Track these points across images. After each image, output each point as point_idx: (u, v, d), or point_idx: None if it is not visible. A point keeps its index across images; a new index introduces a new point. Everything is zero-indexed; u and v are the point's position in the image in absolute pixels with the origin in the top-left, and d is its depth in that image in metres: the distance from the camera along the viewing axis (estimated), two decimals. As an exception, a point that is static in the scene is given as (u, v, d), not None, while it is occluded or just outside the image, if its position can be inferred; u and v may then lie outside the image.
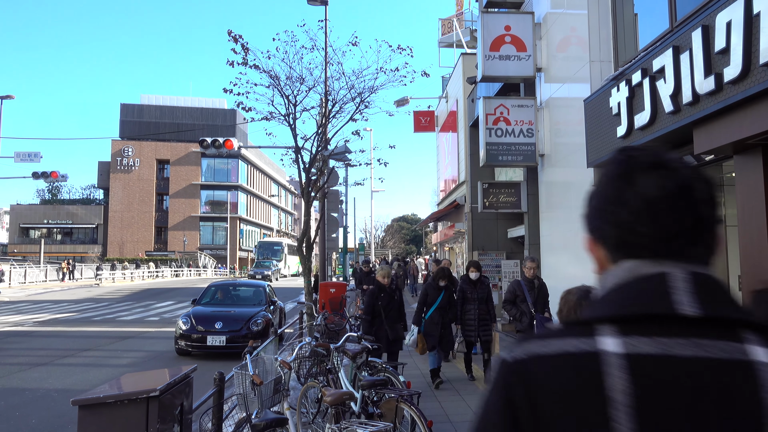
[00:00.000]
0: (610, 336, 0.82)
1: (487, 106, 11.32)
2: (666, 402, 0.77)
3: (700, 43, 5.78)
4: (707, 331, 0.81)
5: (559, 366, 0.82)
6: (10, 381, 8.77)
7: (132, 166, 62.54)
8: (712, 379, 0.78)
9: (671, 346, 0.80)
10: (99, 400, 2.57)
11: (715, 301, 0.82)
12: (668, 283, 0.83)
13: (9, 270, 34.37)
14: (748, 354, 0.79)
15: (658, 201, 0.85)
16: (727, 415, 0.76)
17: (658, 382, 0.78)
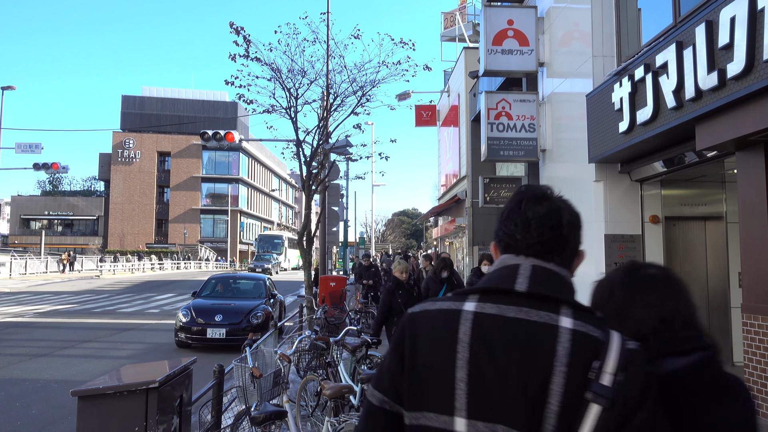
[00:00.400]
0: (472, 301, 1.22)
1: (489, 100, 11.28)
2: (489, 342, 1.15)
3: (704, 38, 5.75)
4: (533, 303, 1.18)
5: (436, 317, 1.23)
6: (10, 371, 8.80)
7: (133, 158, 62.51)
8: (525, 332, 1.15)
9: (505, 309, 1.18)
10: (98, 391, 2.57)
11: (543, 285, 1.20)
12: (517, 271, 1.23)
13: (10, 261, 34.41)
14: (557, 321, 1.15)
15: (531, 220, 1.25)
16: (529, 354, 1.13)
17: (488, 330, 1.17)
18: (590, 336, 1.13)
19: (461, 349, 1.16)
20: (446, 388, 1.16)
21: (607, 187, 8.66)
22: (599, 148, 8.32)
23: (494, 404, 1.12)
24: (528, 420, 1.10)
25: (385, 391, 1.24)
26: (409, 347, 1.22)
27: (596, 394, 1.08)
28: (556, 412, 1.09)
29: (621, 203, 8.65)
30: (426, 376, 1.18)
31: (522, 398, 1.11)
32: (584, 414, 1.08)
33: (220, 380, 4.47)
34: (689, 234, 9.10)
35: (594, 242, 8.75)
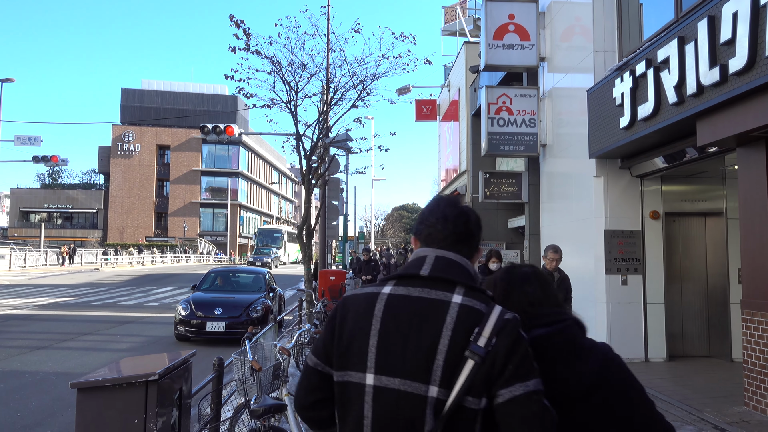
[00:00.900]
0: (390, 285, 1.54)
1: (489, 95, 11.26)
2: (396, 315, 1.48)
3: (706, 33, 5.74)
4: (434, 285, 1.50)
5: (361, 299, 1.56)
6: (9, 364, 8.80)
7: (132, 151, 62.39)
8: (423, 306, 1.47)
9: (411, 290, 1.51)
10: (98, 383, 2.57)
11: (442, 270, 1.52)
12: (424, 260, 1.55)
13: (9, 253, 34.41)
14: (450, 297, 1.47)
15: (448, 216, 1.60)
16: (424, 323, 1.45)
17: (396, 306, 1.49)
18: (474, 308, 1.45)
19: (375, 322, 1.49)
20: (363, 351, 1.48)
21: (608, 182, 8.65)
22: (600, 143, 8.30)
23: (395, 362, 1.44)
24: (419, 373, 1.42)
25: (319, 356, 1.59)
26: (339, 322, 1.56)
27: (472, 352, 1.39)
28: (441, 366, 1.40)
29: (621, 199, 8.64)
30: (350, 344, 1.51)
31: (416, 356, 1.43)
32: (462, 368, 1.39)
33: (220, 373, 4.47)
34: (689, 230, 9.09)
35: (594, 237, 8.74)
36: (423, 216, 1.66)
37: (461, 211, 1.62)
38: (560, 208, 10.53)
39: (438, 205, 1.65)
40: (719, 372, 7.82)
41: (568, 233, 9.92)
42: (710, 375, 7.62)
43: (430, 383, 1.41)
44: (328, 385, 1.57)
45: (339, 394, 1.53)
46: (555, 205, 10.83)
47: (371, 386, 1.46)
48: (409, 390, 1.42)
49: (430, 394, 1.41)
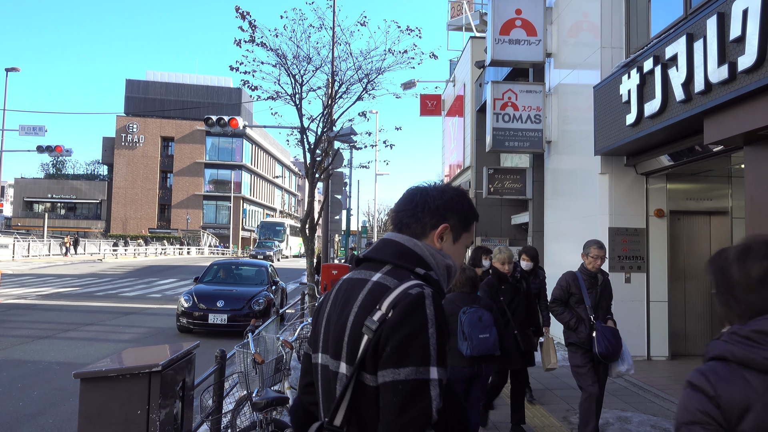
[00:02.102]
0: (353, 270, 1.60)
1: (495, 90, 11.22)
2: (335, 297, 1.54)
3: (715, 31, 5.69)
4: (369, 266, 1.54)
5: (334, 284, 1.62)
6: (12, 353, 8.83)
7: (136, 142, 62.43)
8: (351, 286, 1.51)
9: (354, 273, 1.56)
10: (101, 373, 2.56)
11: (374, 251, 1.56)
12: (372, 244, 1.62)
13: (13, 243, 34.50)
14: (371, 276, 1.49)
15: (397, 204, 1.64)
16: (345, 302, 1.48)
17: (338, 289, 1.56)
18: (383, 284, 1.44)
19: (326, 306, 1.57)
20: (319, 333, 1.56)
21: (613, 179, 8.62)
22: (605, 140, 8.26)
23: (326, 340, 1.50)
24: (335, 349, 1.45)
25: (309, 342, 1.64)
26: (317, 309, 1.63)
27: (366, 326, 1.38)
28: (347, 341, 1.42)
29: (626, 196, 8.61)
30: (316, 327, 1.59)
31: (335, 334, 1.46)
32: (361, 342, 1.38)
33: (222, 365, 4.47)
34: (694, 228, 9.06)
35: (598, 235, 8.71)
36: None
37: (408, 193, 1.62)
38: (564, 205, 10.50)
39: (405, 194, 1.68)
40: (722, 371, 7.79)
41: (571, 230, 9.90)
42: (713, 374, 7.59)
43: (340, 359, 1.43)
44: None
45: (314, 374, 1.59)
46: (559, 201, 10.79)
47: (318, 365, 1.53)
48: (330, 367, 1.46)
49: (340, 371, 1.42)
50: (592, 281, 5.12)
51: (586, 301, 5.05)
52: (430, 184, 1.65)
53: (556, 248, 10.79)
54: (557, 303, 5.19)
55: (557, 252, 10.64)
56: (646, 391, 6.74)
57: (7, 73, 26.60)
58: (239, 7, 11.30)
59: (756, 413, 1.25)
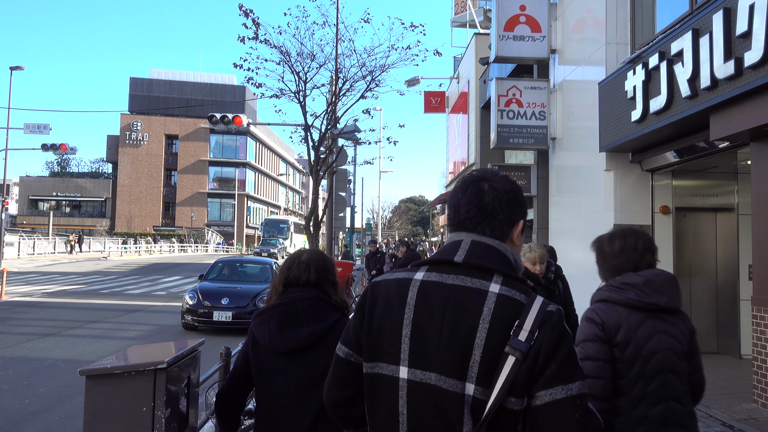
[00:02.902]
0: (422, 271, 1.44)
1: (499, 87, 11.18)
2: (429, 303, 1.38)
3: (721, 26, 5.65)
4: (469, 272, 1.39)
5: (391, 285, 1.45)
6: (18, 350, 8.87)
7: (141, 140, 62.54)
8: (459, 295, 1.36)
9: (445, 277, 1.40)
10: (106, 370, 2.57)
11: (478, 257, 1.40)
12: (459, 245, 1.44)
13: (18, 241, 34.63)
14: (487, 286, 1.36)
15: (462, 200, 1.48)
16: (460, 313, 1.34)
17: (429, 293, 1.39)
18: (513, 299, 1.34)
19: (408, 310, 1.39)
20: (395, 342, 1.38)
21: (618, 176, 8.58)
22: (611, 136, 8.23)
23: (430, 355, 1.34)
24: (456, 368, 1.31)
25: (350, 346, 1.48)
26: (369, 309, 1.45)
27: (512, 347, 1.28)
28: (479, 361, 1.30)
29: (631, 193, 8.57)
30: (380, 333, 1.41)
31: (451, 350, 1.32)
32: (503, 364, 1.28)
33: (227, 362, 4.47)
34: (700, 225, 9.02)
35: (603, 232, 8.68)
36: (450, 198, 1.55)
37: (477, 189, 1.47)
38: (569, 202, 10.47)
39: (456, 188, 1.53)
40: (728, 369, 7.77)
41: (576, 227, 9.87)
42: (719, 372, 7.57)
43: (466, 380, 1.30)
44: (362, 378, 1.45)
45: (369, 387, 1.43)
46: (564, 198, 10.76)
47: (405, 380, 1.36)
48: (446, 387, 1.31)
49: (467, 392, 1.30)
50: None
51: None
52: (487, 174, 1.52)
53: (561, 245, 10.73)
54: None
55: (562, 249, 10.56)
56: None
57: (11, 71, 26.65)
58: (242, 4, 11.31)
59: (623, 330, 2.14)
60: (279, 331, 2.26)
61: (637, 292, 2.18)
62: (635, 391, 2.09)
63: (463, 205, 1.47)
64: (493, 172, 1.53)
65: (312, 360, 2.23)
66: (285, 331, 2.26)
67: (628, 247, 2.34)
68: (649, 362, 2.11)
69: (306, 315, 2.28)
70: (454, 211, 1.49)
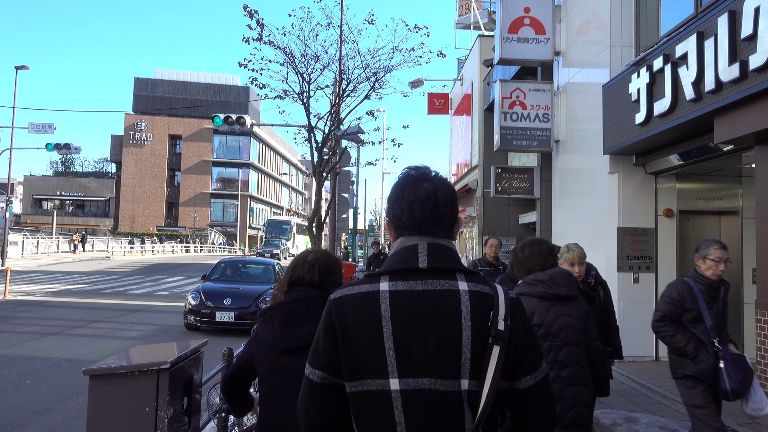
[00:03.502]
0: (384, 281, 1.43)
1: (503, 89, 11.18)
2: (406, 313, 1.38)
3: (726, 29, 5.64)
4: (434, 275, 1.42)
5: (358, 300, 1.42)
6: (21, 349, 8.89)
7: (144, 140, 62.68)
8: (434, 300, 1.40)
9: (413, 285, 1.41)
10: (110, 370, 2.57)
11: (439, 259, 1.44)
12: (417, 251, 1.45)
13: (22, 240, 34.73)
14: (456, 286, 1.42)
15: (414, 204, 1.48)
16: (440, 316, 1.38)
17: (403, 303, 1.39)
18: (483, 293, 1.43)
19: (385, 323, 1.38)
20: (378, 356, 1.38)
21: (621, 179, 8.57)
22: (614, 139, 8.22)
23: (419, 362, 1.37)
24: (449, 369, 1.37)
25: (324, 369, 1.44)
26: (340, 329, 1.42)
27: (496, 337, 1.38)
28: (470, 357, 1.37)
29: (635, 196, 8.56)
30: (359, 351, 1.39)
31: (441, 352, 1.37)
32: (490, 354, 1.37)
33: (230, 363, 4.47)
34: (703, 228, 8.99)
35: (606, 235, 8.68)
36: (392, 199, 1.53)
37: (427, 194, 1.48)
38: (572, 205, 10.45)
39: (403, 187, 1.51)
40: (731, 372, 7.73)
41: (579, 230, 9.85)
42: (722, 375, 7.53)
43: (461, 377, 1.37)
44: (341, 398, 1.43)
45: (357, 406, 1.41)
46: (567, 201, 10.75)
47: (398, 391, 1.37)
48: (442, 388, 1.37)
49: (463, 388, 1.37)
50: (712, 293, 3.94)
51: (707, 320, 3.83)
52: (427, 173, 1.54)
53: (563, 248, 10.74)
54: (667, 321, 3.92)
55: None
56: (655, 392, 6.70)
57: (17, 71, 26.74)
58: (247, 5, 11.34)
59: (536, 315, 2.84)
60: (282, 330, 2.34)
61: (544, 286, 2.86)
62: (548, 359, 2.78)
63: (418, 208, 1.47)
64: (430, 170, 1.56)
65: None
66: (288, 329, 2.34)
67: (535, 252, 2.97)
68: (557, 337, 2.84)
69: (309, 314, 2.35)
70: (409, 214, 1.47)
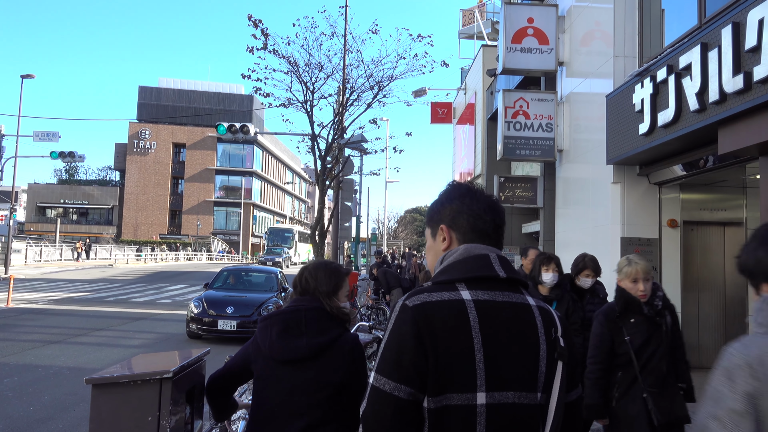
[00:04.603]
0: (464, 290, 1.41)
1: (506, 98, 11.20)
2: (493, 324, 1.38)
3: (730, 40, 5.64)
4: (509, 287, 1.44)
5: (443, 307, 1.38)
6: (23, 357, 8.88)
7: (148, 148, 62.90)
8: (514, 313, 1.41)
9: (494, 295, 1.41)
10: (113, 379, 2.56)
11: (512, 270, 1.45)
12: (489, 260, 1.45)
13: (25, 248, 34.78)
14: (527, 300, 1.45)
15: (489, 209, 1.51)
16: (522, 332, 1.40)
17: (490, 314, 1.39)
18: (546, 309, 1.48)
19: (475, 334, 1.36)
20: (469, 369, 1.34)
21: (625, 189, 8.56)
22: (618, 149, 8.21)
23: (506, 375, 1.37)
24: (530, 382, 1.39)
25: (412, 384, 1.33)
26: (430, 340, 1.35)
27: (560, 353, 1.43)
28: (544, 372, 1.41)
29: (639, 206, 8.54)
30: (449, 363, 1.35)
31: (524, 366, 1.39)
32: (555, 369, 1.42)
33: (232, 372, 4.46)
34: (708, 239, 8.96)
35: (610, 245, 8.65)
36: (461, 202, 1.51)
37: (494, 204, 1.55)
38: (576, 214, 10.44)
39: (478, 192, 1.53)
40: (736, 384, 7.68)
41: (583, 240, 9.83)
42: (726, 387, 7.48)
43: (537, 391, 1.39)
44: (420, 417, 1.35)
45: (435, 422, 1.33)
46: (570, 210, 10.73)
47: (483, 405, 1.33)
48: (524, 402, 1.37)
49: (540, 402, 1.39)
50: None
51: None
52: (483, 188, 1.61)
53: (568, 257, 10.67)
54: None
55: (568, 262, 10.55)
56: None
57: (22, 79, 26.89)
58: (252, 15, 11.40)
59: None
60: (279, 340, 2.34)
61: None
62: None
63: (498, 211, 1.53)
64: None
65: (310, 371, 2.29)
66: (285, 340, 2.33)
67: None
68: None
69: (307, 325, 2.35)
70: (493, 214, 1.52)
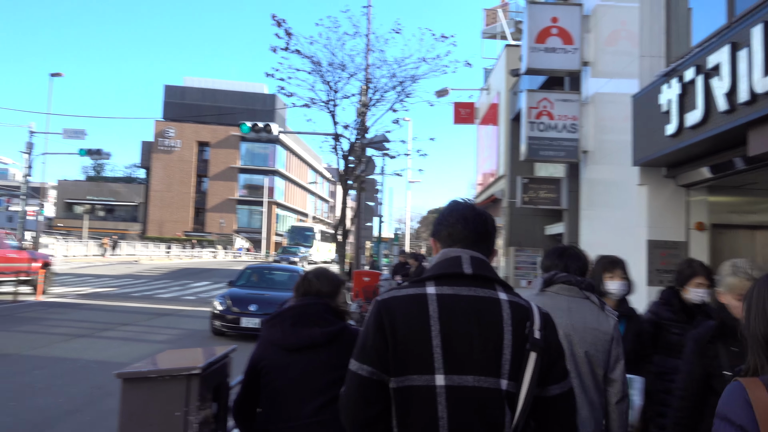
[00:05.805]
0: (430, 286, 1.59)
1: (530, 99, 11.12)
2: (453, 314, 1.54)
3: (761, 39, 5.54)
4: (477, 283, 1.59)
5: (406, 301, 1.58)
6: (52, 350, 9.08)
7: (173, 147, 63.72)
8: (477, 305, 1.56)
9: (459, 289, 1.58)
10: (142, 374, 2.62)
11: (482, 268, 1.61)
12: (461, 259, 1.63)
13: (54, 243, 35.52)
14: (496, 295, 1.59)
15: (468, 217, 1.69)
16: (483, 322, 1.54)
17: (450, 305, 1.55)
18: (520, 304, 1.60)
19: (433, 323, 1.53)
20: (426, 353, 1.51)
21: (651, 191, 8.44)
22: (644, 151, 8.11)
23: (464, 360, 1.51)
24: (492, 368, 1.51)
25: (373, 364, 1.56)
26: (390, 327, 1.55)
27: (534, 344, 1.53)
28: (509, 359, 1.52)
29: (665, 208, 8.42)
30: (407, 348, 1.53)
31: (485, 352, 1.51)
32: (527, 359, 1.53)
33: (256, 369, 4.51)
34: (737, 243, 8.80)
35: (636, 248, 8.55)
36: (442, 217, 1.75)
37: (478, 213, 1.74)
38: (600, 216, 10.33)
39: (456, 206, 1.75)
40: (764, 390, 7.54)
41: (608, 242, 9.72)
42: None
43: (500, 377, 1.51)
44: (386, 395, 1.55)
45: (401, 400, 1.53)
46: (595, 212, 10.62)
47: (443, 386, 1.50)
48: (485, 385, 1.50)
49: (503, 387, 1.51)
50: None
51: None
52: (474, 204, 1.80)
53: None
54: None
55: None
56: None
57: (51, 78, 27.48)
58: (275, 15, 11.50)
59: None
60: (293, 329, 2.56)
61: None
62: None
63: (472, 220, 1.70)
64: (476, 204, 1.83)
65: (324, 355, 2.54)
66: (298, 329, 2.56)
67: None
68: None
69: (317, 317, 2.61)
70: (464, 224, 1.69)
